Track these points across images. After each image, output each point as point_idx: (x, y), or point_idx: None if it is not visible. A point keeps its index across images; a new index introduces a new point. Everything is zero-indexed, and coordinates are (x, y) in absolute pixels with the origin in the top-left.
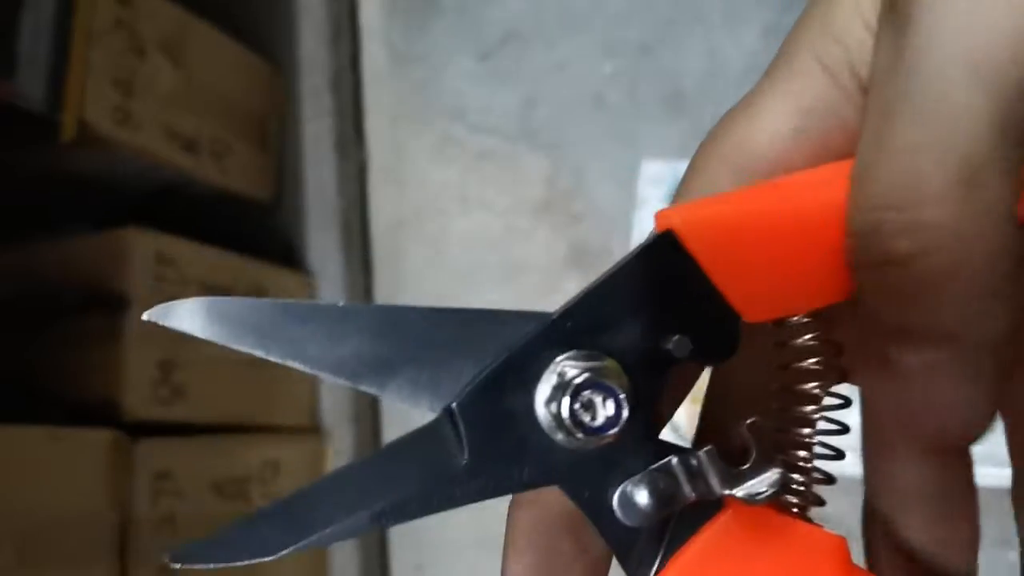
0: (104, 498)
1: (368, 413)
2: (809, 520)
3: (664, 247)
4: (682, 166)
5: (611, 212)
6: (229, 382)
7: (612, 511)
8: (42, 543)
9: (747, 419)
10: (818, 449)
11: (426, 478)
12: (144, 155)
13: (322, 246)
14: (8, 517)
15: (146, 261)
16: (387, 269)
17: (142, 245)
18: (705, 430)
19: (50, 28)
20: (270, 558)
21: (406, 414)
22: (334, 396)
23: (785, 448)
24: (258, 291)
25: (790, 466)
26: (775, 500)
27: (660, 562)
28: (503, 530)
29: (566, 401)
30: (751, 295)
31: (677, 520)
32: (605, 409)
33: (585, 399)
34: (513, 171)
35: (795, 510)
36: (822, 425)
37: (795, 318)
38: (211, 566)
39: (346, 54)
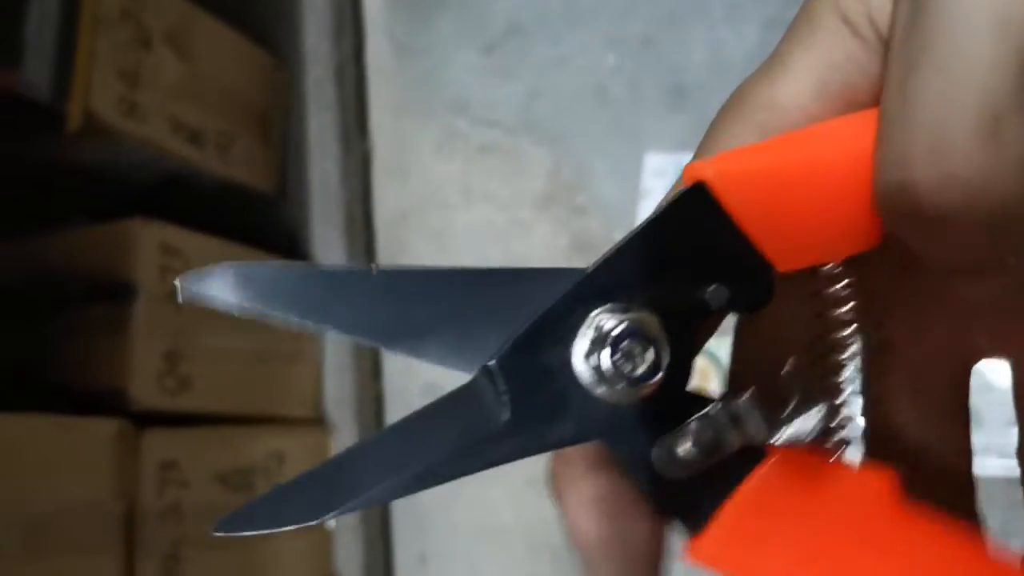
0: (110, 487)
1: (372, 405)
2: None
3: (695, 199)
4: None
5: (614, 205)
6: (234, 373)
7: (652, 465)
8: (49, 532)
9: (783, 366)
10: (851, 396)
11: (466, 438)
12: (149, 146)
13: (326, 238)
14: (15, 506)
15: (152, 252)
16: (390, 261)
17: (148, 236)
18: (735, 381)
19: (56, 18)
20: (314, 522)
21: (409, 405)
22: (338, 388)
23: (822, 394)
24: None
25: (829, 409)
26: (817, 444)
27: (706, 514)
28: (505, 520)
29: (606, 353)
30: (783, 245)
31: (720, 470)
32: (645, 359)
33: (625, 349)
34: (516, 164)
35: (835, 455)
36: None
37: (827, 267)
38: (255, 533)
39: (349, 47)
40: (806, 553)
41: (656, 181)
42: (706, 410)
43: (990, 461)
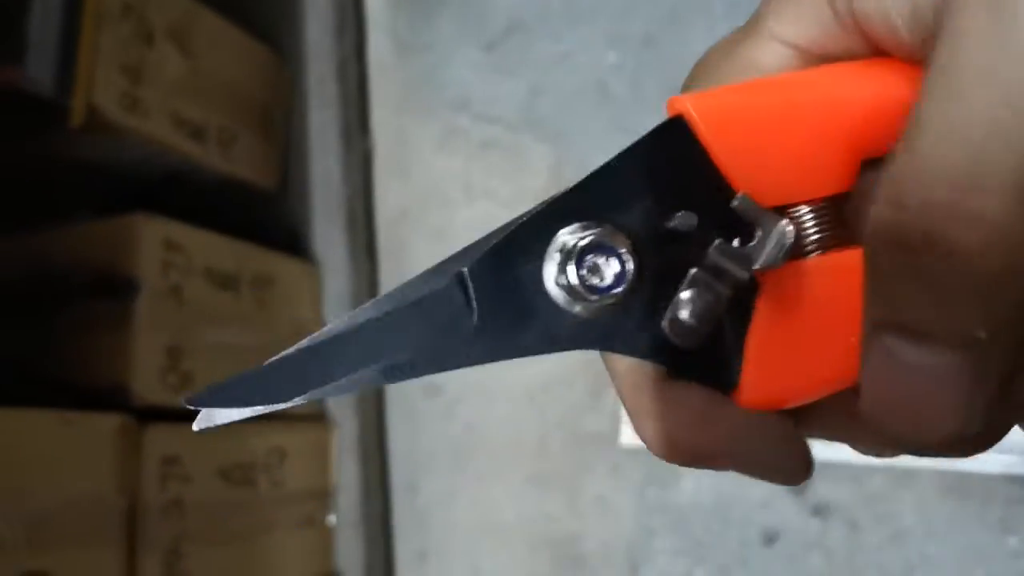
0: (113, 482)
1: (372, 402)
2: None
3: (674, 131)
4: None
5: None
6: (236, 370)
7: (667, 340)
8: (51, 525)
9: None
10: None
11: (437, 336)
12: (152, 142)
13: (327, 235)
14: (18, 499)
15: (155, 247)
16: (392, 258)
17: (151, 231)
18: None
19: (59, 13)
20: (283, 405)
21: (410, 402)
22: None
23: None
24: (264, 279)
25: (794, 221)
26: (796, 252)
27: (735, 366)
28: (506, 518)
29: (571, 267)
30: (755, 181)
31: (728, 323)
32: (610, 267)
33: (590, 263)
34: (517, 161)
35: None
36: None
37: (797, 208)
38: (227, 411)
39: (351, 44)
40: (821, 337)
41: None
42: (688, 277)
43: (989, 457)
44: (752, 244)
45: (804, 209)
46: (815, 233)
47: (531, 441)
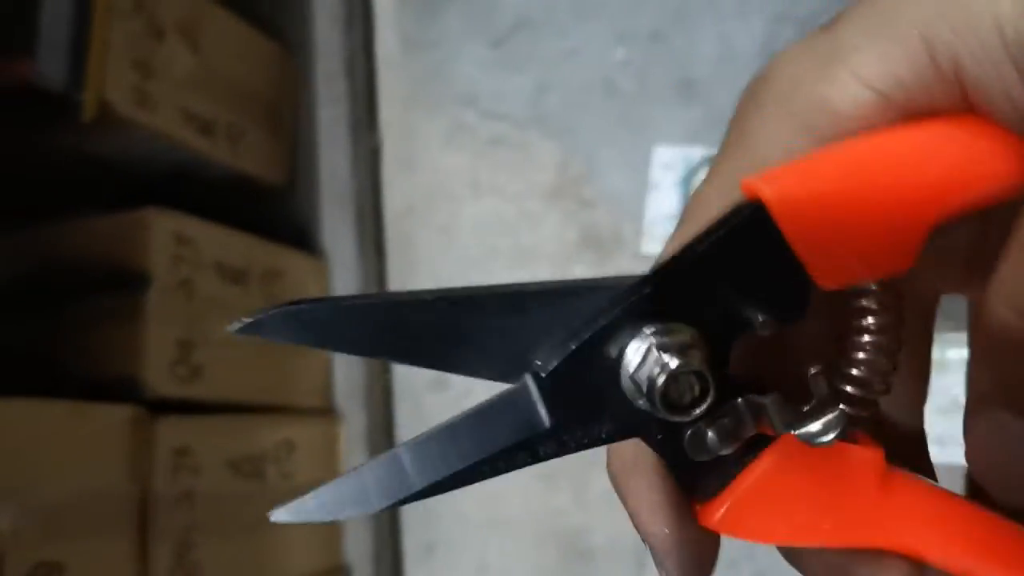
0: (124, 473)
1: (381, 395)
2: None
3: (752, 219)
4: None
5: (622, 197)
6: (245, 362)
7: (683, 450)
8: (64, 516)
9: (811, 367)
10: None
11: (512, 438)
12: (161, 137)
13: (335, 230)
14: (31, 490)
15: (166, 241)
16: (399, 253)
17: (162, 225)
18: (763, 374)
19: (70, 8)
20: (372, 511)
21: (417, 396)
22: (348, 378)
23: (842, 398)
24: (273, 273)
25: (849, 413)
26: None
27: (718, 487)
28: (513, 512)
29: (657, 382)
30: (827, 264)
31: (734, 453)
32: (693, 392)
33: (676, 384)
34: (524, 157)
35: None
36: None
37: (864, 286)
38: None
39: (359, 40)
40: (807, 521)
41: (665, 174)
42: (732, 403)
43: None
44: (804, 411)
45: (865, 340)
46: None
47: None
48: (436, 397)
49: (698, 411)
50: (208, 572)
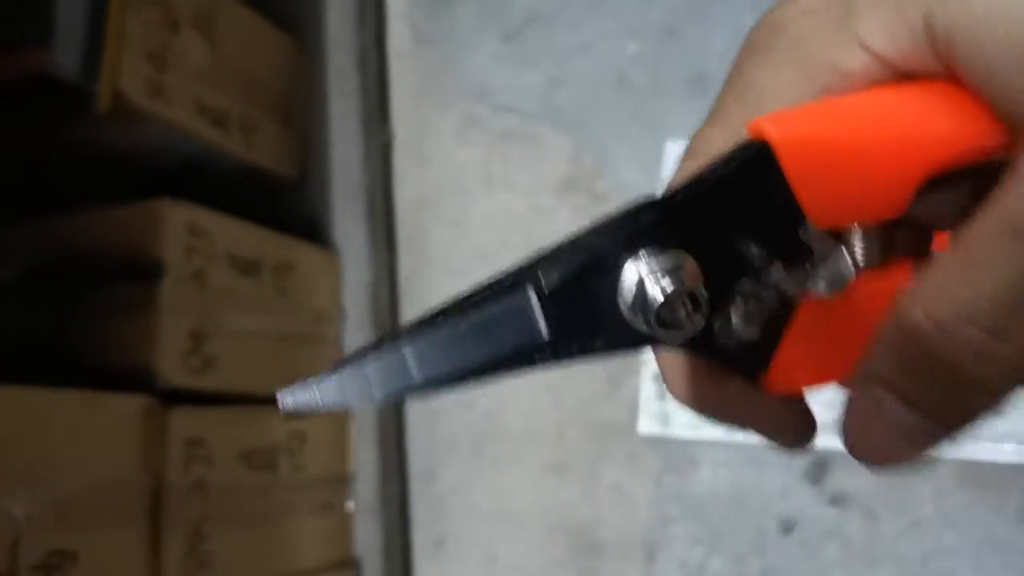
0: (138, 463)
1: None
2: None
3: (757, 158)
4: None
5: (634, 191)
6: (257, 354)
7: (715, 340)
8: (77, 505)
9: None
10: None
11: (508, 345)
12: (175, 128)
13: (347, 223)
14: (44, 479)
15: (179, 232)
16: (411, 247)
17: (176, 216)
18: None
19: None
20: (372, 403)
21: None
22: None
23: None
24: (285, 266)
25: (850, 253)
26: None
27: (766, 358)
28: (523, 505)
29: (652, 299)
30: (824, 206)
31: (765, 330)
32: (687, 311)
33: (671, 303)
34: (536, 151)
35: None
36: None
37: (852, 231)
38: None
39: (371, 34)
40: (840, 360)
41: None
42: (745, 287)
43: (1008, 447)
44: (811, 267)
45: (858, 235)
46: (862, 256)
47: (549, 429)
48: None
49: (692, 331)
50: (220, 563)
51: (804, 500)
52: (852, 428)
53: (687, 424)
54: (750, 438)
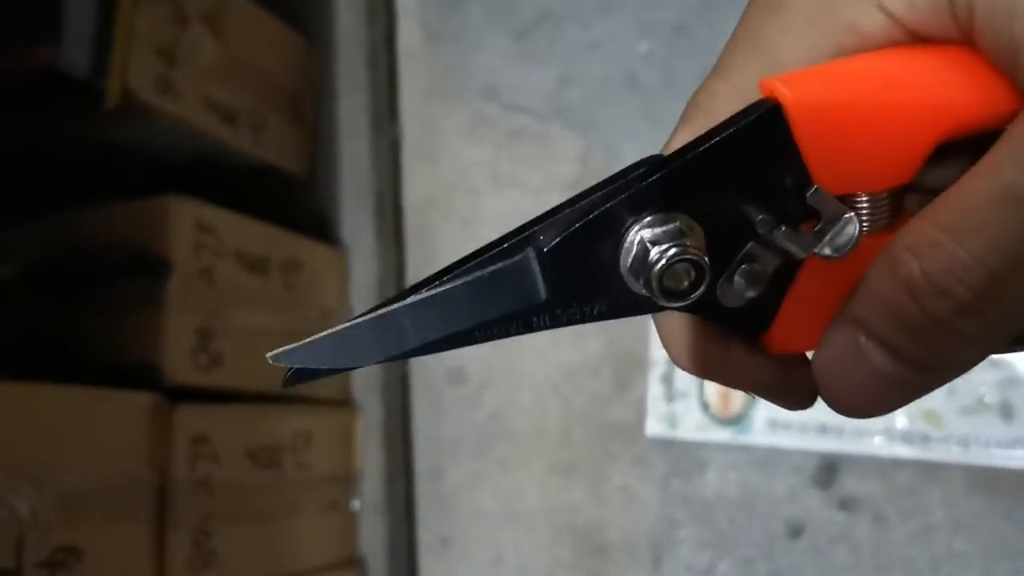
0: (143, 459)
1: (398, 387)
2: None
3: (767, 116)
4: None
5: None
6: (264, 352)
7: (716, 301)
8: (82, 501)
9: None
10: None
11: (506, 307)
12: (184, 124)
13: (355, 221)
14: (50, 475)
15: (187, 228)
16: (419, 245)
17: (183, 213)
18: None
19: None
20: (367, 364)
21: (435, 389)
22: (365, 370)
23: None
24: (293, 263)
25: (857, 218)
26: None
27: (768, 319)
28: (529, 505)
29: (656, 271)
30: (832, 171)
31: (768, 290)
32: (689, 278)
33: (673, 270)
34: (546, 150)
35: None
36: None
37: (859, 197)
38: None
39: (382, 31)
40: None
41: None
42: (748, 249)
43: (1019, 453)
44: (816, 230)
45: (865, 198)
46: (867, 221)
47: (555, 430)
48: (453, 390)
49: (693, 296)
50: (225, 560)
51: (813, 504)
52: (829, 373)
53: (695, 426)
54: (759, 441)
